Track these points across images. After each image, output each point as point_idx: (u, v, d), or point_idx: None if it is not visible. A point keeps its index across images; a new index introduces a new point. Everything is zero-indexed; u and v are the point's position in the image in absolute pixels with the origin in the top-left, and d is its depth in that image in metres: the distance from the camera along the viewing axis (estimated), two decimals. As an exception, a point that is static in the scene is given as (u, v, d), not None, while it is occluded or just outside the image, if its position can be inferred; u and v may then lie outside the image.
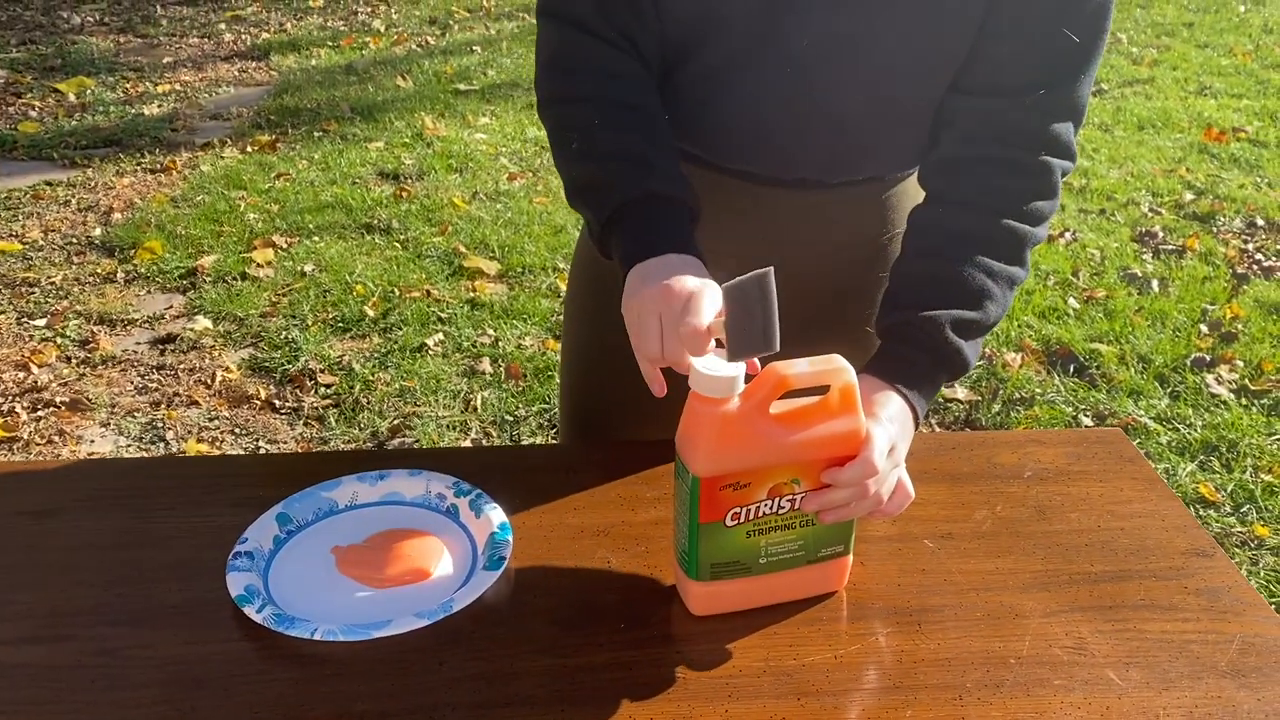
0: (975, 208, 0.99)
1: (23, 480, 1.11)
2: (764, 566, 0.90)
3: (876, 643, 0.89)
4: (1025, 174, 0.99)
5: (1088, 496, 1.08)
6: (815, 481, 0.87)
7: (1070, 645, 0.89)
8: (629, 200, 0.96)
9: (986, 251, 0.98)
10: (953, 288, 0.97)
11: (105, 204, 3.97)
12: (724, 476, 0.85)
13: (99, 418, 2.71)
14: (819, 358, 0.84)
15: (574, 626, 0.90)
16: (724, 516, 0.86)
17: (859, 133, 1.05)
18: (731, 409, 0.83)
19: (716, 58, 1.02)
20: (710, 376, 0.82)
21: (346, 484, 1.05)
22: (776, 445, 0.84)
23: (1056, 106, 0.97)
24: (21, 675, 0.85)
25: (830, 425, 0.85)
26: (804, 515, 0.88)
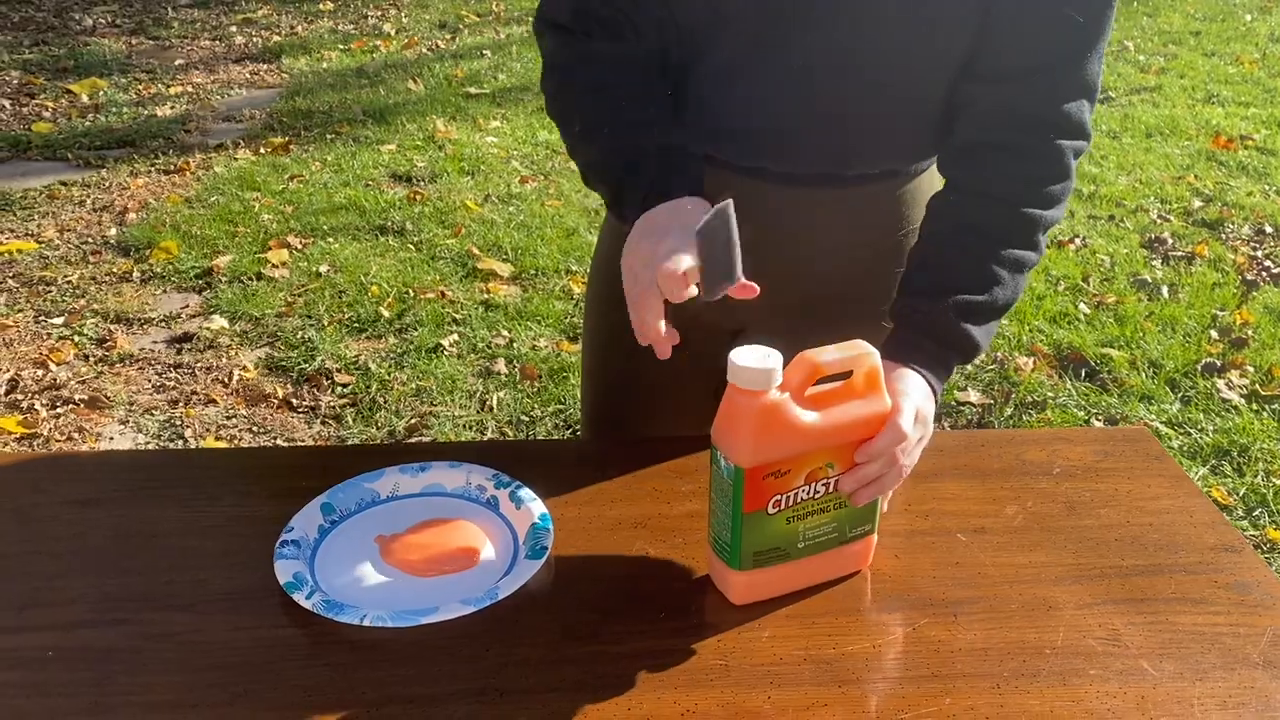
0: (988, 196, 1.02)
1: (70, 470, 1.13)
2: (802, 550, 0.93)
3: (913, 633, 0.91)
4: (1037, 158, 1.01)
5: (1116, 493, 1.10)
6: (848, 464, 0.90)
7: (1104, 636, 0.91)
8: (632, 161, 1.00)
9: (997, 237, 1.01)
10: (958, 272, 1.01)
11: (120, 204, 4.00)
12: (766, 466, 0.87)
13: (117, 415, 2.73)
14: (844, 344, 0.88)
15: (615, 615, 0.92)
16: (766, 505, 0.89)
17: (869, 129, 1.07)
18: (770, 399, 0.85)
19: (723, 59, 1.05)
20: (749, 369, 0.84)
21: (389, 475, 1.07)
22: (813, 432, 0.87)
23: (1066, 87, 0.99)
24: (76, 658, 0.87)
25: (859, 407, 0.89)
26: (837, 498, 0.92)
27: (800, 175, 1.10)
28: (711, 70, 1.06)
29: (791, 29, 1.00)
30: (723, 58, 1.05)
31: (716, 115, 1.09)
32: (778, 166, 1.09)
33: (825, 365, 0.86)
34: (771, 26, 1.01)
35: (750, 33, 1.02)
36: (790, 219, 1.13)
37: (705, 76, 1.07)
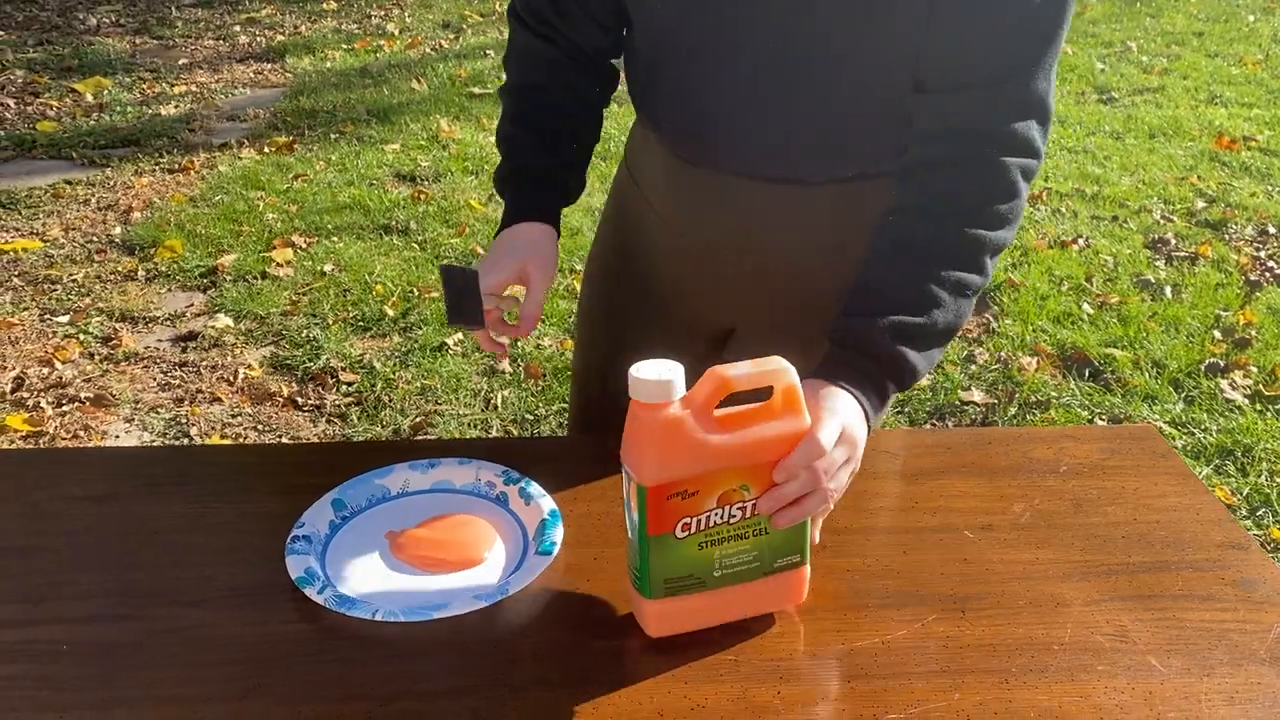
0: (930, 214, 0.98)
1: (80, 466, 1.13)
2: (719, 580, 0.87)
3: (922, 629, 0.92)
4: (982, 176, 0.97)
5: (1123, 490, 1.10)
6: (764, 487, 0.85)
7: (1112, 633, 0.91)
8: (507, 173, 1.16)
9: (939, 258, 0.97)
10: (897, 294, 0.97)
11: (124, 203, 4.00)
12: (670, 485, 0.82)
13: (123, 413, 2.73)
14: (760, 360, 0.83)
15: (625, 610, 0.92)
16: (674, 528, 0.84)
17: (830, 132, 1.06)
18: (673, 414, 0.81)
19: (679, 65, 1.08)
20: (646, 381, 0.81)
21: (399, 471, 1.08)
22: (722, 450, 0.82)
23: (1012, 103, 0.96)
24: (88, 652, 0.88)
25: (775, 426, 0.84)
26: (757, 524, 0.86)
27: (767, 176, 1.11)
28: (664, 77, 1.10)
29: (735, 39, 1.02)
30: (674, 67, 1.09)
31: (674, 121, 1.13)
32: (741, 169, 1.11)
33: (735, 380, 0.81)
34: (715, 37, 1.03)
35: (694, 44, 1.05)
36: (758, 215, 1.13)
37: (661, 81, 1.12)
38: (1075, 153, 4.56)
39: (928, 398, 2.77)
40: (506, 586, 0.93)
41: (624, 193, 1.30)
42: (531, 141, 1.16)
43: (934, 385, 2.83)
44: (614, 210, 1.32)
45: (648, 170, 1.23)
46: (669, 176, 1.19)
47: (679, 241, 1.21)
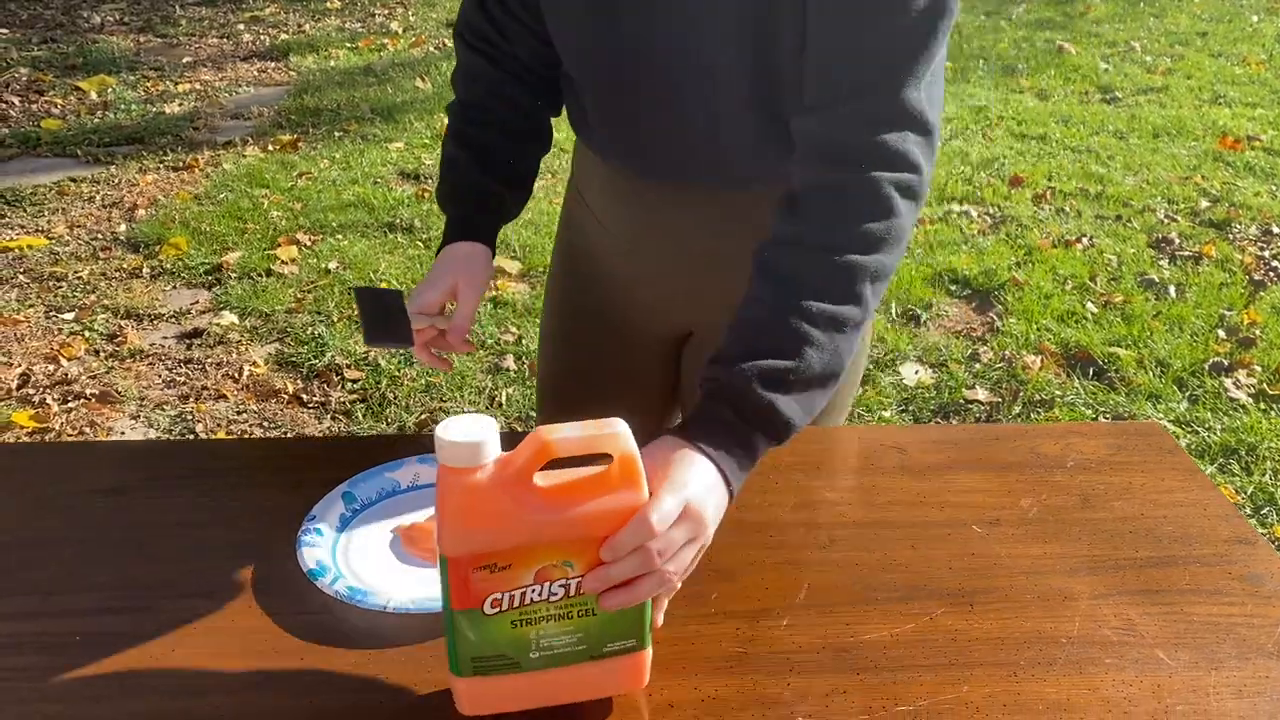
0: (799, 245, 0.91)
1: (91, 459, 1.14)
2: (536, 662, 0.78)
3: (930, 622, 0.92)
4: (851, 194, 0.90)
5: (1130, 486, 1.10)
6: (591, 564, 0.76)
7: (1119, 626, 0.92)
8: (446, 192, 1.19)
9: (810, 294, 0.88)
10: (766, 337, 0.88)
11: (129, 200, 4.01)
12: (477, 556, 0.74)
13: (129, 410, 2.74)
14: (595, 421, 0.75)
15: (636, 603, 0.93)
16: (482, 603, 0.75)
17: (714, 144, 1.07)
18: (483, 479, 0.73)
19: (595, 82, 1.12)
20: (451, 443, 0.72)
21: (408, 465, 1.08)
22: (540, 522, 0.74)
23: (880, 116, 0.89)
24: (100, 643, 0.88)
25: (607, 500, 0.75)
26: (582, 603, 0.77)
27: (701, 186, 1.14)
28: (586, 92, 1.14)
29: (634, 59, 1.04)
30: (591, 84, 1.12)
31: (603, 135, 1.17)
32: (670, 178, 1.14)
33: (557, 445, 0.72)
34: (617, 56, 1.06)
35: (603, 63, 1.08)
36: (712, 224, 1.16)
37: (584, 96, 1.15)
38: (1079, 152, 4.56)
39: (932, 396, 2.78)
40: None
41: (571, 205, 1.33)
42: (469, 160, 1.18)
43: (938, 384, 2.83)
44: (565, 221, 1.35)
45: (590, 181, 1.26)
46: (608, 187, 1.22)
47: (625, 251, 1.24)
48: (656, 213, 1.18)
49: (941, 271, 3.44)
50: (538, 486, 0.74)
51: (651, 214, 1.19)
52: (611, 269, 1.27)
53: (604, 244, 1.26)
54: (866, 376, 2.85)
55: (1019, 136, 4.77)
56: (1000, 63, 5.87)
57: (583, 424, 0.74)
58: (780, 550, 1.01)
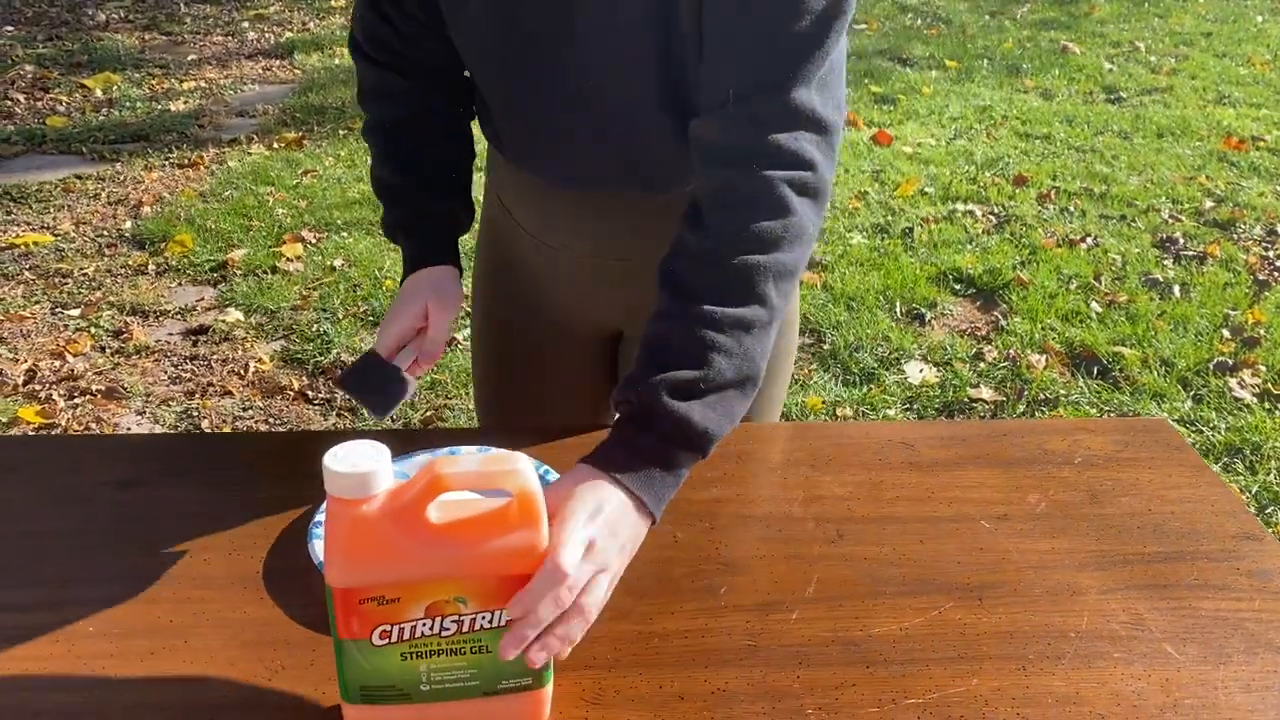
0: (697, 252, 0.90)
1: (105, 451, 1.14)
2: (427, 695, 0.78)
3: (939, 616, 0.92)
4: (745, 195, 0.89)
5: (1137, 482, 1.11)
6: (485, 601, 0.75)
7: (1127, 620, 0.92)
8: (395, 222, 1.16)
9: (711, 299, 0.86)
10: (672, 350, 0.86)
11: (135, 198, 4.02)
12: (363, 589, 0.73)
13: (134, 406, 2.75)
14: (495, 454, 0.75)
15: (646, 595, 0.93)
16: (370, 634, 0.75)
17: (629, 148, 1.07)
18: (371, 511, 0.72)
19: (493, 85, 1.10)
20: (338, 474, 0.71)
21: (419, 458, 1.08)
22: (432, 557, 0.73)
23: (773, 116, 0.89)
24: (118, 634, 0.89)
25: (505, 538, 0.74)
26: (475, 640, 0.76)
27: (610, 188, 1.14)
28: (489, 95, 1.13)
29: (524, 63, 1.04)
30: (491, 86, 1.11)
31: (509, 139, 1.16)
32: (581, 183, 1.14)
33: (452, 478, 0.71)
34: (512, 59, 1.05)
35: (499, 64, 1.07)
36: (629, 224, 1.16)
37: (488, 100, 1.13)
38: (1083, 152, 4.56)
39: (936, 395, 2.78)
40: None
41: (491, 208, 1.30)
42: (408, 184, 1.15)
43: (943, 383, 2.84)
44: (485, 226, 1.33)
45: (504, 185, 1.25)
46: (523, 193, 1.21)
47: (545, 254, 1.23)
48: (572, 218, 1.18)
49: (946, 270, 3.44)
50: (430, 521, 0.73)
51: (566, 220, 1.18)
52: (535, 271, 1.25)
53: (524, 246, 1.25)
54: (871, 374, 2.86)
55: (1023, 136, 4.77)
56: (1005, 62, 5.87)
57: (482, 456, 0.75)
58: (789, 544, 1.01)
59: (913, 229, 3.75)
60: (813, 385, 2.82)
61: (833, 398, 2.76)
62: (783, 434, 1.22)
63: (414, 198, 1.15)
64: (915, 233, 3.72)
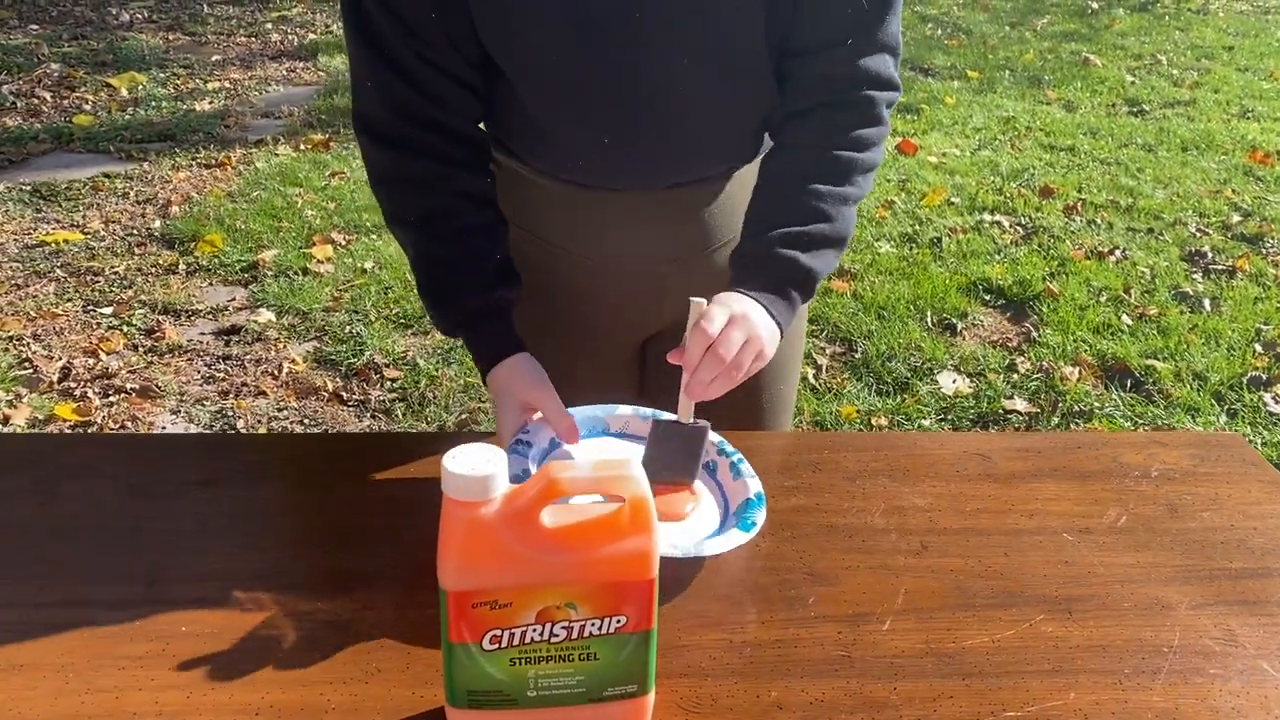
0: (806, 146, 1.08)
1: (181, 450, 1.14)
2: (534, 700, 0.78)
3: (1031, 629, 0.92)
4: (850, 110, 1.08)
5: (1217, 497, 1.10)
6: (595, 608, 0.75)
7: (1220, 636, 0.92)
8: (456, 323, 1.11)
9: (812, 176, 1.07)
10: (777, 211, 1.07)
11: (163, 197, 4.03)
12: (476, 593, 0.73)
13: (169, 405, 2.75)
14: (608, 460, 0.75)
15: (736, 604, 0.93)
16: (481, 639, 0.74)
17: (693, 147, 1.13)
18: (489, 514, 0.72)
19: (563, 96, 1.08)
20: (457, 475, 0.71)
21: (622, 413, 1.10)
22: (545, 563, 0.73)
23: (871, 48, 1.07)
24: (209, 632, 0.89)
25: (617, 546, 0.73)
26: (584, 646, 0.76)
27: (663, 185, 1.16)
28: (548, 113, 1.10)
29: (600, 62, 1.04)
30: (545, 102, 1.09)
31: (567, 152, 1.13)
32: (638, 183, 1.16)
33: (568, 483, 0.71)
34: (587, 66, 1.05)
35: (570, 73, 1.06)
36: (673, 224, 1.19)
37: (545, 118, 1.11)
38: (1108, 164, 4.56)
39: (970, 406, 2.78)
40: (703, 548, 0.93)
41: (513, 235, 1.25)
42: (463, 283, 1.09)
43: (977, 393, 2.83)
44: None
45: (528, 205, 1.20)
46: (560, 206, 1.18)
47: (585, 266, 1.21)
48: (616, 222, 1.18)
49: (975, 281, 3.44)
50: (544, 526, 0.73)
51: (610, 224, 1.18)
52: (569, 286, 1.23)
53: (558, 263, 1.22)
54: (904, 384, 2.85)
55: (1048, 148, 4.77)
56: (1026, 74, 5.87)
57: (595, 462, 0.74)
58: (874, 555, 1.01)
59: (940, 239, 3.75)
60: (846, 394, 2.82)
61: (866, 407, 2.76)
62: (856, 444, 1.21)
63: (470, 294, 1.09)
64: (944, 243, 3.72)
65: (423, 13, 1.01)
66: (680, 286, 1.23)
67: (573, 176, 1.16)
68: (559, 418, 1.04)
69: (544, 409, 1.05)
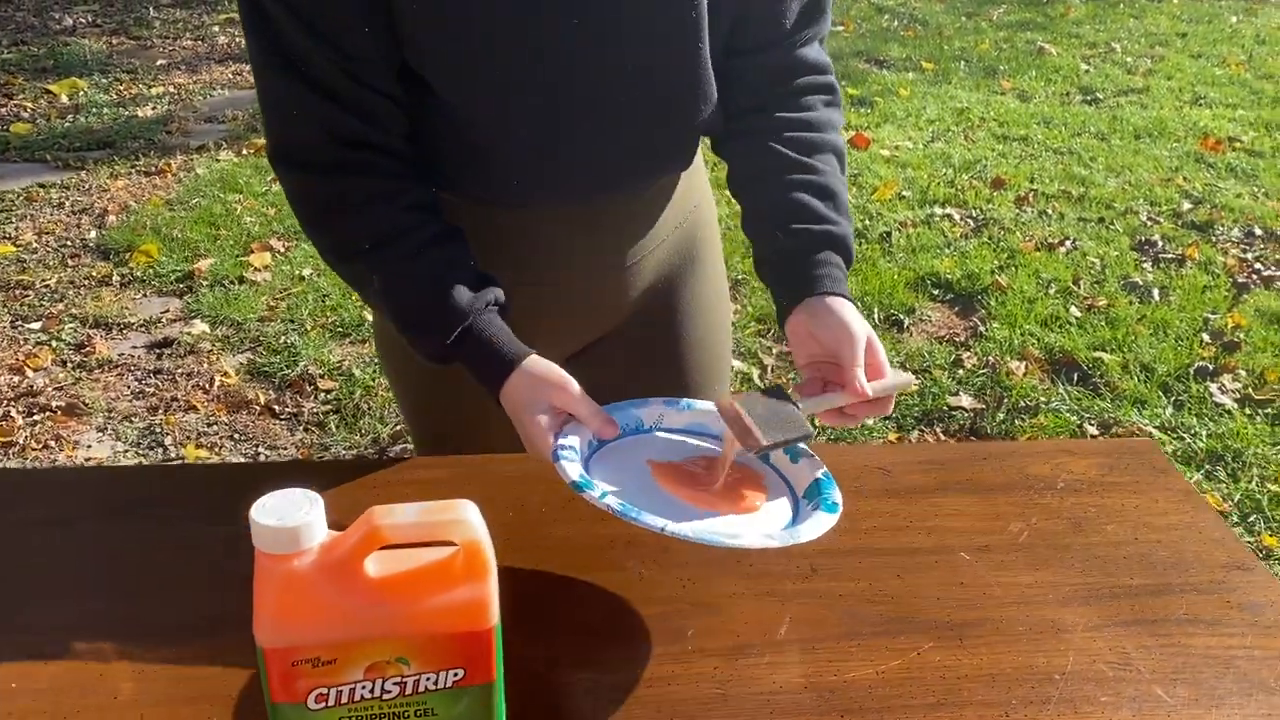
0: (815, 126, 1.09)
1: (25, 489, 1.08)
2: None
3: (918, 658, 0.88)
4: (829, 94, 1.11)
5: (1122, 508, 1.07)
6: (429, 662, 0.69)
7: (1115, 660, 0.87)
8: (444, 352, 1.00)
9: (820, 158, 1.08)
10: (819, 194, 1.06)
11: (99, 206, 3.94)
12: (296, 649, 0.67)
13: (96, 422, 2.67)
14: (439, 504, 0.68)
15: (608, 640, 0.88)
16: (306, 698, 0.69)
17: (645, 153, 1.10)
18: (303, 566, 0.66)
19: (523, 124, 1.02)
20: (266, 527, 0.65)
21: (654, 405, 1.02)
22: (370, 615, 0.68)
23: (818, 37, 1.11)
24: (40, 689, 0.83)
25: (449, 595, 0.68)
26: (420, 702, 0.71)
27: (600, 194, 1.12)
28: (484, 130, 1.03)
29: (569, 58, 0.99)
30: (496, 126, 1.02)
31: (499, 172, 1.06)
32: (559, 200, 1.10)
33: (390, 530, 0.65)
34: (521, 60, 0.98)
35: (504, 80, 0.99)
36: (611, 235, 1.15)
37: (477, 136, 1.03)
38: (1061, 154, 4.55)
39: (915, 403, 2.74)
40: (798, 534, 0.86)
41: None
42: (445, 296, 0.99)
43: (922, 391, 2.80)
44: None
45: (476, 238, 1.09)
46: (490, 231, 1.09)
47: (527, 293, 1.10)
48: (549, 242, 1.12)
49: (924, 275, 3.41)
50: (368, 575, 0.67)
51: (542, 244, 1.12)
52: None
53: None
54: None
55: (1001, 138, 4.75)
56: (981, 64, 5.85)
57: (424, 505, 0.67)
58: (761, 580, 0.96)
59: (890, 233, 3.72)
60: (791, 394, 2.77)
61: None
62: (755, 459, 1.17)
63: (463, 307, 0.99)
64: (893, 237, 3.69)
65: (350, 26, 0.94)
66: (610, 300, 1.19)
67: (503, 195, 1.09)
68: (593, 415, 0.95)
69: (575, 410, 0.95)
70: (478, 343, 0.99)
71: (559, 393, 0.96)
